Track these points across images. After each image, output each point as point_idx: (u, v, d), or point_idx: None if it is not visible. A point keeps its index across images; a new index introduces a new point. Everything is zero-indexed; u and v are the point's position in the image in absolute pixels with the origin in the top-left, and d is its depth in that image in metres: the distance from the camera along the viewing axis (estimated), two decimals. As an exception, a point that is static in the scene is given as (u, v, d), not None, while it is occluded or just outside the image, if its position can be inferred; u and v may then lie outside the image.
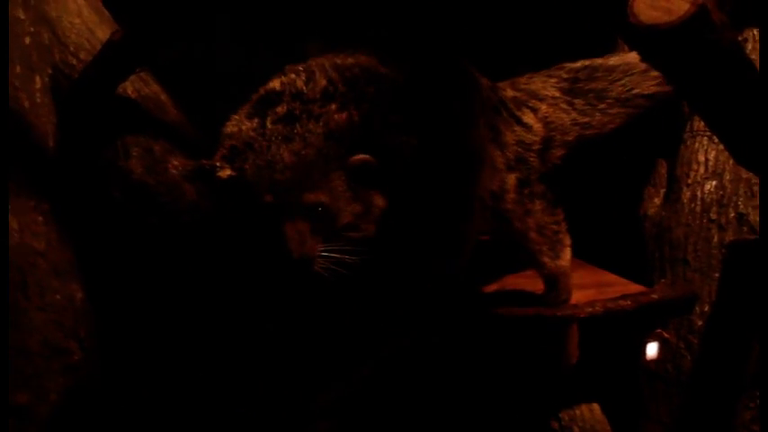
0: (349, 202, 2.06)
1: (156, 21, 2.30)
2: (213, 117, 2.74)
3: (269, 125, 2.08)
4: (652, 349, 2.49)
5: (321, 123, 2.06)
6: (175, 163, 2.43)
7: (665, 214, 2.63)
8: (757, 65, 2.10)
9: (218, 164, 2.07)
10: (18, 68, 2.37)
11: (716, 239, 2.52)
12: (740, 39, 2.46)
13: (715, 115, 1.96)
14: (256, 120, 2.10)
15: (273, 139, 2.05)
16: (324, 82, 2.14)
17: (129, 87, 2.43)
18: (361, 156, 2.05)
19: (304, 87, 2.13)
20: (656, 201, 2.70)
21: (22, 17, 2.39)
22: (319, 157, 2.03)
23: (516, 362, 2.41)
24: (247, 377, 2.46)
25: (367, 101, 2.12)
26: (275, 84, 2.17)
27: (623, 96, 2.58)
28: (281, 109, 2.10)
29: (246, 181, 2.04)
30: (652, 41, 1.75)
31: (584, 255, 2.66)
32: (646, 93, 2.59)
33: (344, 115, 2.08)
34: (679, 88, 1.91)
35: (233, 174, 2.06)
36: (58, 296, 2.34)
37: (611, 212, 2.86)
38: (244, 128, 2.10)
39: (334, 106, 2.09)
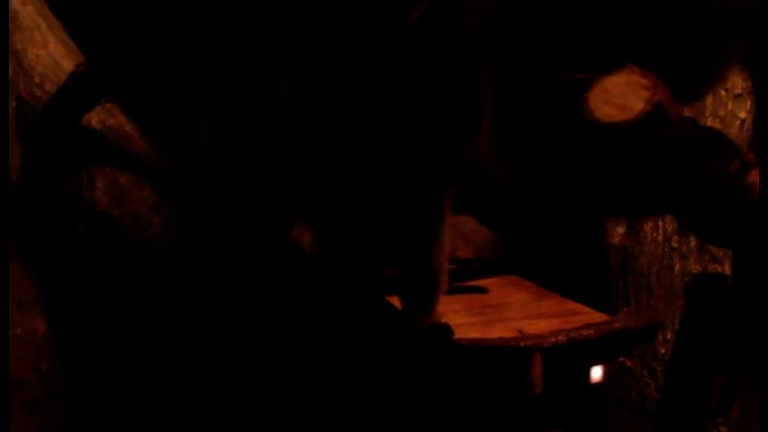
0: None
1: (122, 53, 2.30)
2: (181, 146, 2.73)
3: None
4: (597, 372, 2.51)
5: None
6: (143, 195, 2.42)
7: (628, 243, 2.66)
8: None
9: None
10: (-21, 102, 2.37)
11: (678, 267, 2.55)
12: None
13: (678, 203, 1.97)
14: None
15: None
16: None
17: (94, 118, 2.41)
18: None
19: None
20: (620, 230, 2.73)
21: (-16, 50, 2.39)
22: None
23: (480, 391, 2.41)
24: (217, 413, 2.45)
25: None
26: None
27: None
28: None
29: None
30: (607, 138, 1.76)
31: (549, 284, 2.68)
32: None
33: None
34: (640, 178, 1.91)
35: None
36: (19, 330, 2.33)
37: (575, 242, 2.87)
38: None
39: None
